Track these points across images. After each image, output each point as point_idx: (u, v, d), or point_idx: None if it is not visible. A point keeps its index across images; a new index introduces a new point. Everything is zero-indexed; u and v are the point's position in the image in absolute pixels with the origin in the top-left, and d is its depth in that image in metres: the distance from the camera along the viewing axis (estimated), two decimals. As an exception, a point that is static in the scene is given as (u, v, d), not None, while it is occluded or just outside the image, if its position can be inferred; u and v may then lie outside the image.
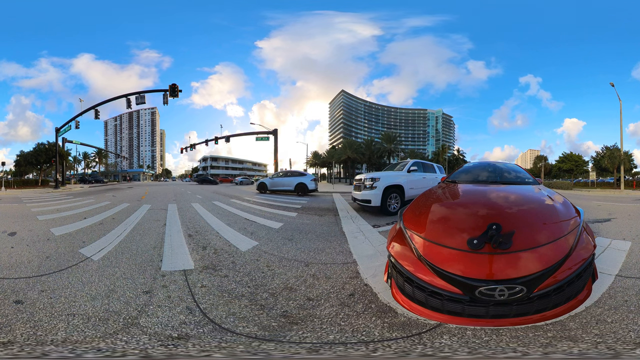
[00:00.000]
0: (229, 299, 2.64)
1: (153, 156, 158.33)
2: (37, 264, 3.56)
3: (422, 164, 10.27)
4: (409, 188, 8.61)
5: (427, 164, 10.74)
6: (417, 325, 2.16)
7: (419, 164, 9.92)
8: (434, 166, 11.10)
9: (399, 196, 8.41)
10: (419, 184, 9.20)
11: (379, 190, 8.04)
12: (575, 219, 2.59)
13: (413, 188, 8.76)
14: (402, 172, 9.03)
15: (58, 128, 30.63)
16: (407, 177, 8.79)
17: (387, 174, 8.95)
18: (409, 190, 8.60)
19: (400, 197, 8.42)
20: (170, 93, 25.31)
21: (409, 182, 8.75)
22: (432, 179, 9.96)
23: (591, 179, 44.60)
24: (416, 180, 9.13)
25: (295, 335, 2.07)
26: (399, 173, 8.98)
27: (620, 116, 29.32)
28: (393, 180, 8.40)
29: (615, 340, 1.89)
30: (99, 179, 56.02)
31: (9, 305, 2.46)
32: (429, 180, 9.74)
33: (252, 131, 42.15)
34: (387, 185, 8.16)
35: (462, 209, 2.95)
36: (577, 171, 56.38)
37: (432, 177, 10.12)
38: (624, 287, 2.74)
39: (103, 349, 1.86)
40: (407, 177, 8.80)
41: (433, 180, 9.91)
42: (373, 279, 3.06)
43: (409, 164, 9.28)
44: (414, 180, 9.02)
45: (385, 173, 9.09)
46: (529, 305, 2.06)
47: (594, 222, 6.18)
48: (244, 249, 4.33)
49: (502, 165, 4.80)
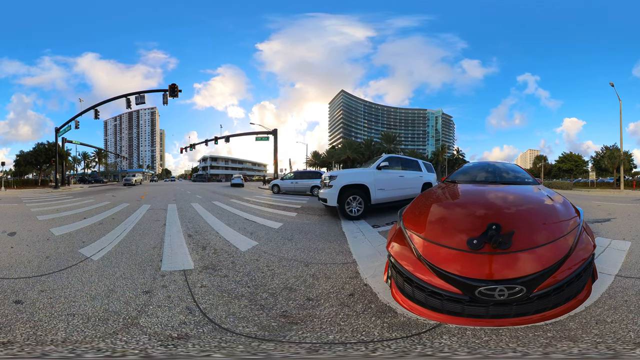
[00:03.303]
0: (229, 299, 2.64)
1: (153, 156, 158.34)
2: (37, 264, 3.56)
3: (401, 159, 8.82)
4: (377, 189, 7.19)
5: (408, 160, 9.23)
6: (416, 325, 2.16)
7: (395, 159, 8.43)
8: (417, 163, 9.61)
9: (362, 198, 7.00)
10: (394, 183, 7.75)
11: (335, 189, 6.96)
12: (575, 219, 2.59)
13: (384, 189, 7.34)
14: (369, 169, 7.53)
15: (58, 128, 30.63)
16: (374, 175, 7.31)
17: (348, 171, 7.88)
18: (377, 192, 7.19)
19: (364, 199, 7.00)
20: (170, 93, 25.32)
21: (378, 182, 7.27)
22: (413, 178, 8.75)
23: (591, 179, 44.60)
24: (389, 179, 7.62)
25: (295, 335, 2.07)
26: (365, 170, 7.54)
27: (620, 116, 29.33)
28: (353, 178, 7.15)
29: (615, 340, 1.89)
30: (98, 179, 55.94)
31: (9, 305, 2.46)
32: (409, 180, 8.49)
33: (252, 131, 42.16)
34: (345, 185, 7.00)
35: (462, 209, 2.95)
36: (576, 171, 56.37)
37: (414, 175, 8.84)
38: (623, 287, 2.74)
39: (103, 349, 1.86)
40: (376, 175, 7.33)
41: (415, 179, 8.83)
42: (373, 279, 3.06)
43: (380, 160, 7.70)
44: (386, 179, 7.50)
45: (347, 171, 8.05)
46: (528, 305, 2.06)
47: (594, 222, 6.18)
48: (244, 249, 4.33)
49: (502, 165, 4.80)
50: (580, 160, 56.39)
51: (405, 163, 8.97)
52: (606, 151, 42.62)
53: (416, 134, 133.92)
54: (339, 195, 6.94)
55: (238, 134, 44.08)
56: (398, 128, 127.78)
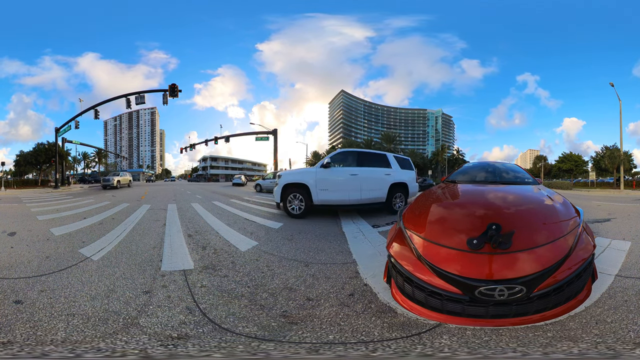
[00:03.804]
0: (229, 299, 2.64)
1: (153, 156, 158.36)
2: (37, 264, 3.56)
3: (357, 155, 7.76)
4: (319, 189, 6.96)
5: (370, 155, 8.01)
6: (416, 325, 2.16)
7: (349, 155, 7.72)
8: (385, 158, 8.09)
9: (304, 197, 6.97)
10: (342, 184, 7.16)
11: (279, 187, 7.28)
12: (575, 219, 2.59)
13: (327, 189, 7.00)
14: (313, 167, 7.40)
15: (58, 128, 30.62)
16: (317, 174, 7.07)
17: (294, 170, 8.21)
18: (319, 192, 6.96)
19: (305, 199, 6.96)
20: (170, 93, 25.31)
21: (321, 182, 7.00)
22: (374, 178, 7.55)
23: (591, 179, 44.60)
24: (335, 179, 7.17)
25: (294, 335, 2.07)
26: (308, 169, 7.52)
27: (620, 116, 29.34)
28: (294, 177, 7.26)
29: (615, 340, 1.89)
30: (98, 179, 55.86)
31: (9, 305, 2.46)
32: (367, 180, 7.40)
33: (252, 131, 42.20)
34: (287, 183, 7.21)
35: (462, 209, 2.95)
36: (576, 171, 56.37)
37: (375, 174, 7.63)
38: (623, 287, 2.74)
39: (103, 349, 1.86)
40: (318, 174, 7.07)
41: (376, 180, 7.58)
42: (373, 279, 3.06)
43: (326, 157, 7.34)
44: (331, 179, 7.12)
45: (294, 170, 8.36)
46: (528, 305, 2.06)
47: (594, 222, 6.18)
48: (244, 249, 4.32)
49: (502, 165, 4.80)
50: (580, 160, 56.38)
51: (365, 159, 7.76)
52: (606, 151, 42.60)
53: (416, 134, 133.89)
54: (282, 192, 7.24)
55: (238, 134, 44.12)
56: (398, 128, 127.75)
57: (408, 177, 8.63)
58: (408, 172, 8.78)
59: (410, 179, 8.74)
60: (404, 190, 8.42)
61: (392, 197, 7.92)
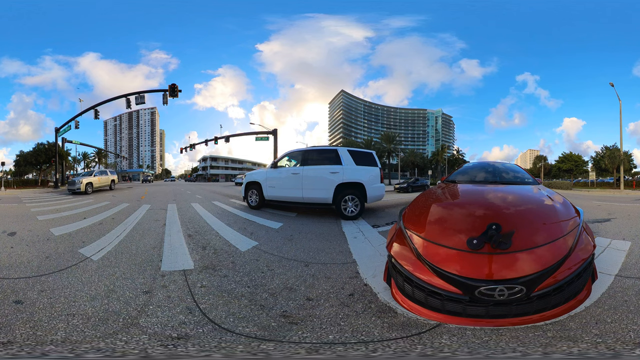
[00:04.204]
0: (229, 299, 2.64)
1: (153, 156, 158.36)
2: (37, 264, 3.56)
3: (301, 154, 7.94)
4: (268, 186, 8.18)
5: (318, 152, 7.80)
6: (416, 325, 2.16)
7: (297, 154, 8.11)
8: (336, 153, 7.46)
9: (258, 193, 8.44)
10: (284, 182, 7.79)
11: (243, 185, 8.95)
12: (574, 219, 2.59)
13: (274, 187, 8.04)
14: (265, 168, 8.77)
15: (58, 128, 30.63)
16: (267, 174, 8.32)
17: (255, 171, 9.32)
18: (268, 189, 8.16)
19: (259, 194, 8.42)
20: (170, 93, 25.31)
21: (269, 180, 8.14)
22: (314, 177, 7.38)
23: (591, 179, 44.62)
24: (279, 177, 7.96)
25: (294, 335, 2.07)
26: (262, 170, 8.78)
27: (620, 116, 29.39)
28: (251, 177, 8.81)
29: (615, 340, 1.89)
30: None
31: (9, 305, 2.46)
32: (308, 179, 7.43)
33: (252, 131, 42.15)
34: (248, 181, 8.77)
35: (462, 209, 2.95)
36: (576, 171, 56.39)
37: (317, 172, 7.40)
38: (623, 287, 2.74)
39: (103, 349, 1.86)
40: (268, 173, 8.29)
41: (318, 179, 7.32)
42: (373, 279, 3.06)
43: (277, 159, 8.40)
44: (277, 177, 7.99)
45: (255, 170, 9.54)
46: (528, 305, 2.06)
47: (594, 222, 6.18)
48: (244, 249, 4.32)
49: (502, 165, 4.80)
50: (580, 160, 56.42)
51: (310, 158, 7.72)
52: (606, 151, 42.63)
53: (416, 134, 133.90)
54: (245, 189, 8.85)
55: (238, 134, 44.07)
56: (398, 128, 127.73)
57: (366, 176, 7.31)
58: (367, 169, 7.44)
59: (371, 178, 7.37)
60: (359, 192, 7.07)
61: (341, 199, 6.99)
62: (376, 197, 7.66)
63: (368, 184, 7.25)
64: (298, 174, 7.60)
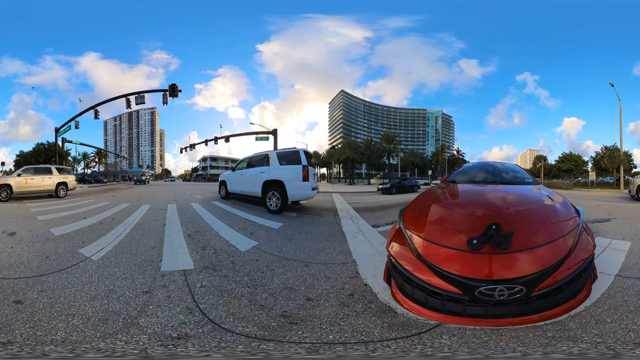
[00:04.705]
0: (229, 299, 2.64)
1: (153, 156, 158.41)
2: (37, 264, 3.56)
3: (249, 160, 10.22)
4: (229, 183, 11.18)
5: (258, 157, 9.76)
6: (416, 325, 2.16)
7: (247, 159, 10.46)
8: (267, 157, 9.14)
9: (226, 188, 11.38)
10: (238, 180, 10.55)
11: (218, 183, 12.27)
12: (574, 219, 2.59)
13: (232, 184, 10.96)
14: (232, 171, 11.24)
15: (58, 128, 30.62)
16: (230, 174, 11.29)
17: (225, 173, 12.05)
18: (229, 185, 11.14)
19: (226, 189, 11.34)
20: (170, 93, 25.31)
21: (229, 178, 11.22)
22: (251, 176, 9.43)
23: (591, 179, 44.63)
24: (235, 177, 10.79)
25: (294, 335, 2.07)
26: (229, 172, 11.55)
27: (620, 116, 29.41)
28: (222, 177, 11.92)
29: (615, 340, 1.89)
30: (98, 179, 55.83)
31: (9, 305, 2.46)
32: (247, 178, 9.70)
33: (252, 131, 42.13)
34: (220, 180, 12.01)
35: (462, 209, 2.95)
36: (576, 171, 56.41)
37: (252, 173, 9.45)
38: (623, 287, 2.74)
39: (103, 349, 1.86)
40: (230, 174, 11.27)
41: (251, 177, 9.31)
42: (373, 279, 3.06)
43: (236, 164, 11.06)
44: (234, 177, 10.88)
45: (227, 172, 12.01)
46: (528, 305, 2.06)
47: (594, 222, 6.18)
48: (244, 249, 4.32)
49: (502, 165, 4.80)
50: (580, 160, 56.45)
51: (253, 162, 9.99)
52: (606, 151, 42.66)
53: (416, 134, 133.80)
54: (219, 186, 12.17)
55: (238, 134, 44.02)
56: (398, 128, 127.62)
57: (288, 175, 8.00)
58: (289, 167, 8.08)
59: (292, 177, 7.89)
60: (279, 189, 8.06)
61: (266, 195, 8.36)
62: (300, 196, 8.29)
63: (289, 182, 8.01)
64: (243, 174, 10.14)
